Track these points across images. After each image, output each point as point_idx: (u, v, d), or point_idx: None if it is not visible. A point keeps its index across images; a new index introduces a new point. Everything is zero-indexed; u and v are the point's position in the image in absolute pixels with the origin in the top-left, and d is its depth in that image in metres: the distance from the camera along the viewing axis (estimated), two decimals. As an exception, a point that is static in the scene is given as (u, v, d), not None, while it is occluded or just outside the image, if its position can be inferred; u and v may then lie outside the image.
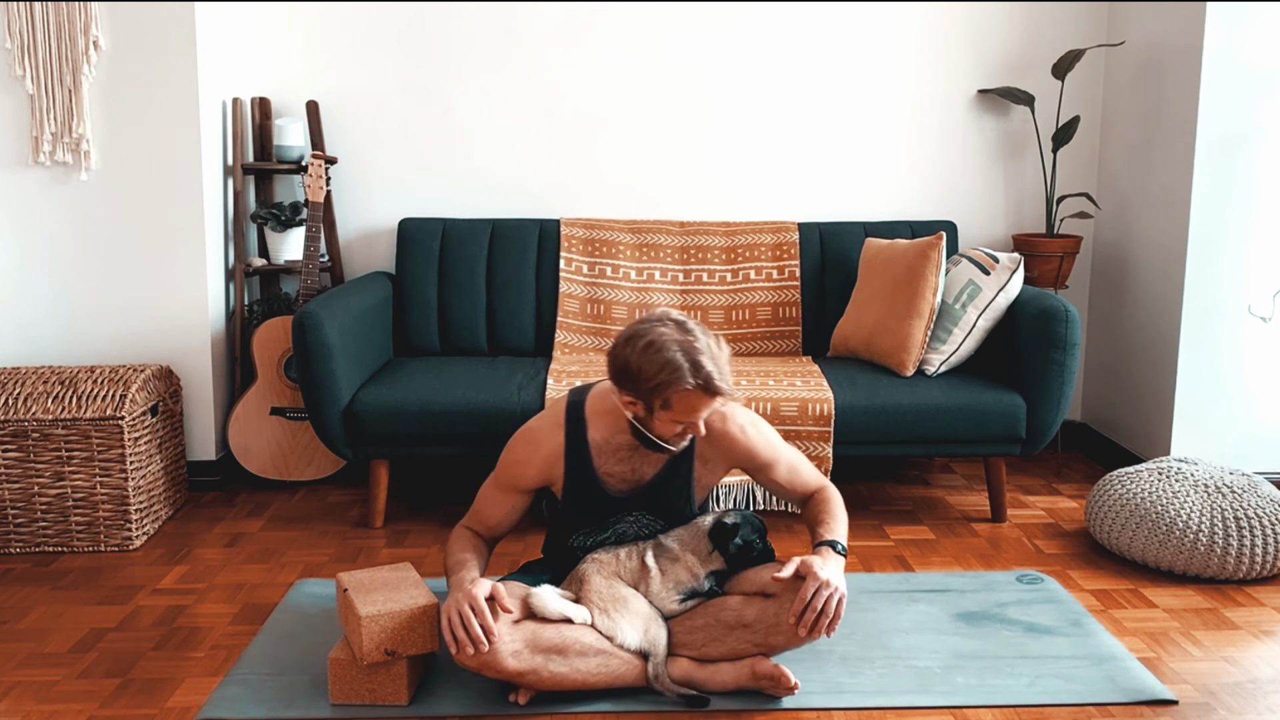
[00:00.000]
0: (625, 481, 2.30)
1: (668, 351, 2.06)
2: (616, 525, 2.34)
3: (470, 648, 2.04)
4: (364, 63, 3.73)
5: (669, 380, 2.06)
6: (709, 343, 2.11)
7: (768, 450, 2.35)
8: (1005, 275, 3.20)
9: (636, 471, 2.30)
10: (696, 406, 2.11)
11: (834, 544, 2.22)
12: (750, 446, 2.33)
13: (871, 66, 3.81)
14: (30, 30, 3.24)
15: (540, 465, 2.29)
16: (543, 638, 2.12)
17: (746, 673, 2.18)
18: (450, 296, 3.60)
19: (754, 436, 2.33)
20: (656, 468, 2.30)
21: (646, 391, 2.10)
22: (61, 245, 3.38)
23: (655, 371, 2.07)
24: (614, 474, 2.29)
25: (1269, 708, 2.20)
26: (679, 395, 2.08)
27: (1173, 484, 2.89)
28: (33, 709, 2.19)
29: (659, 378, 2.07)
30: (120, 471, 3.02)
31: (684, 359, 2.06)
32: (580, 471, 2.28)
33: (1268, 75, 3.26)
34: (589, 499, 2.31)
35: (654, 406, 2.12)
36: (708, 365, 2.07)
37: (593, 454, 2.28)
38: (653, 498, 2.32)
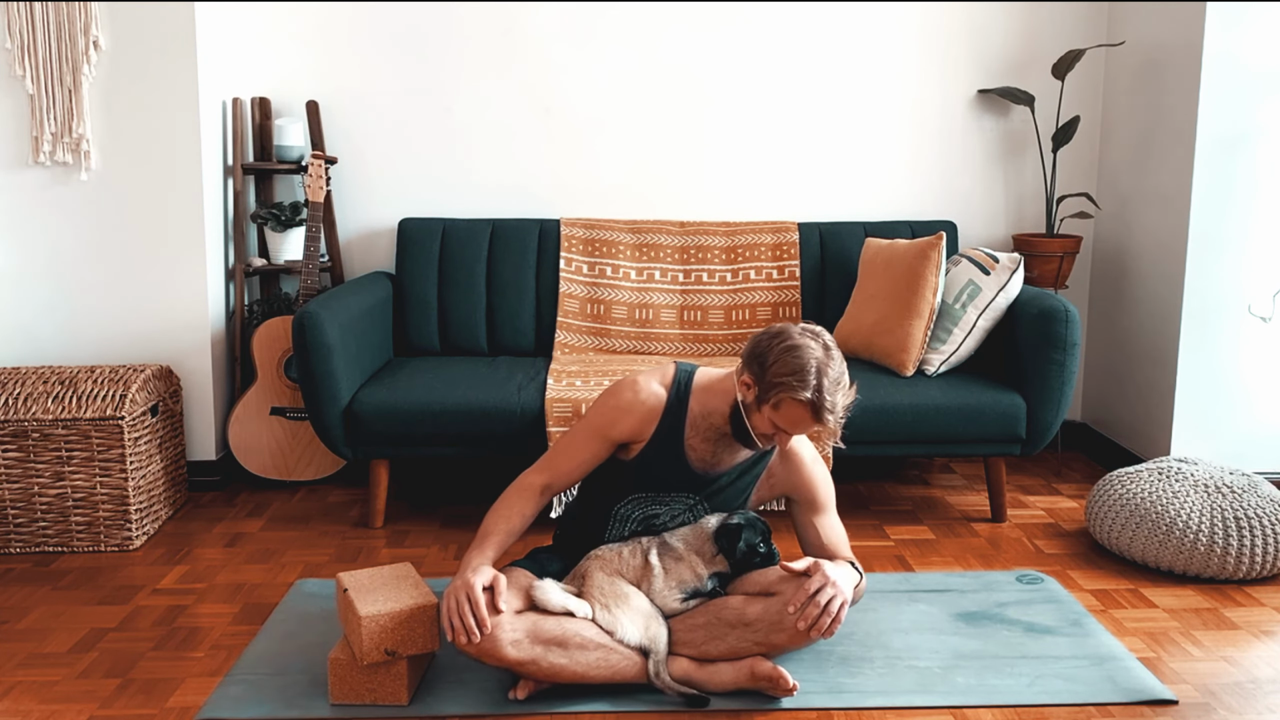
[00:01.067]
0: (703, 462, 2.33)
1: (806, 361, 2.14)
2: (673, 500, 2.35)
3: (464, 636, 2.07)
4: (364, 63, 3.73)
5: (793, 384, 2.13)
6: (841, 376, 2.17)
7: (825, 495, 2.43)
8: (1005, 275, 3.20)
9: (716, 456, 2.33)
10: (799, 422, 2.17)
11: (852, 563, 2.29)
12: (812, 477, 2.41)
13: (871, 66, 3.81)
14: (30, 30, 3.24)
15: (641, 415, 2.30)
16: (543, 629, 2.13)
17: (746, 673, 2.19)
18: (450, 296, 3.60)
19: (820, 474, 2.43)
20: (733, 461, 2.35)
21: (768, 384, 2.16)
22: (61, 245, 3.38)
23: (787, 372, 2.14)
24: (696, 449, 2.32)
25: (1269, 708, 2.20)
26: (792, 403, 2.14)
27: (1173, 484, 2.89)
28: (33, 709, 2.19)
29: (786, 378, 2.13)
30: (120, 471, 3.02)
31: (815, 376, 2.13)
32: (670, 434, 2.30)
33: (1268, 75, 3.26)
34: (665, 465, 2.32)
35: (766, 400, 2.17)
36: (829, 393, 2.13)
37: (686, 429, 2.31)
38: (718, 488, 2.36)
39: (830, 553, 2.38)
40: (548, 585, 2.19)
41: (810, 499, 2.41)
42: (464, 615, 2.07)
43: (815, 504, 2.41)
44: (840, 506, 3.34)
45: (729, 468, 2.35)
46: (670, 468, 2.32)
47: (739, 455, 2.35)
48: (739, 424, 2.25)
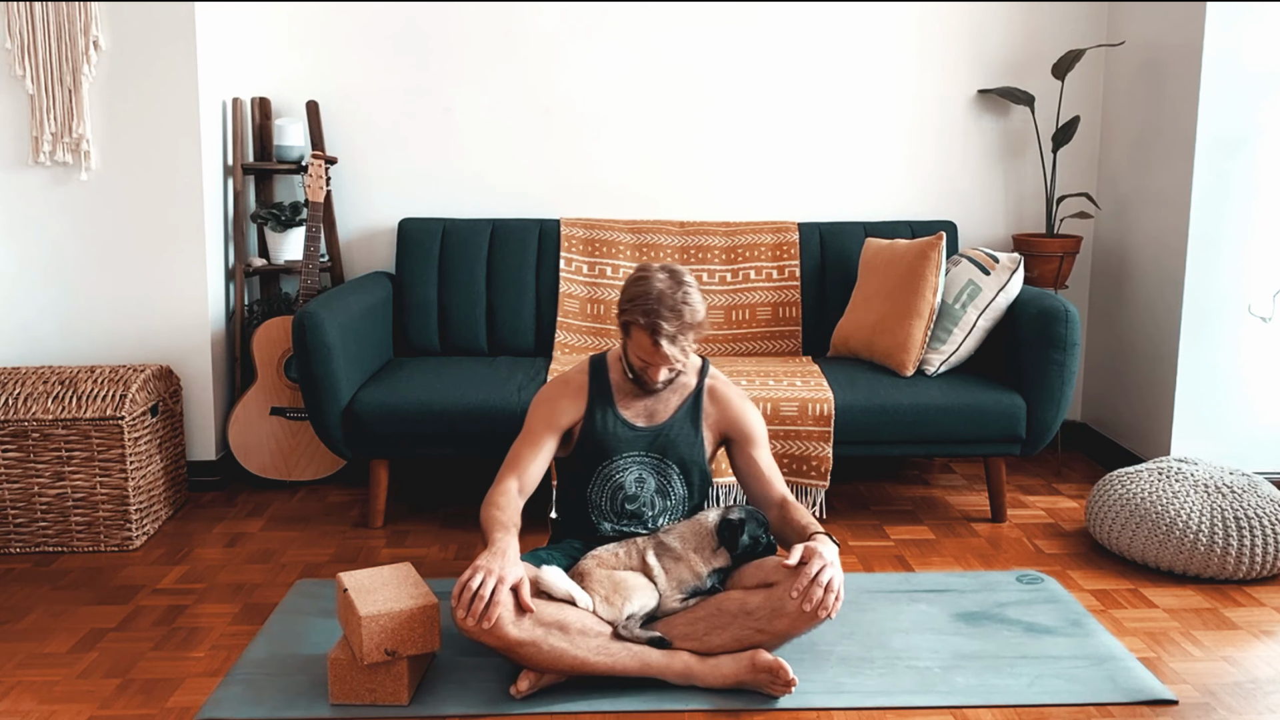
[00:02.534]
0: (642, 416, 2.49)
1: (647, 290, 2.33)
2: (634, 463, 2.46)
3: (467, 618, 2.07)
4: (364, 63, 3.73)
5: (632, 311, 2.34)
6: (681, 306, 2.32)
7: (758, 429, 2.55)
8: (1005, 275, 3.20)
9: (650, 409, 2.50)
10: (645, 346, 2.35)
11: (828, 535, 2.29)
12: (745, 413, 2.54)
13: (871, 66, 3.81)
14: (30, 30, 3.24)
15: (571, 397, 2.49)
16: (546, 612, 2.16)
17: (746, 665, 2.19)
18: (450, 296, 3.60)
19: (749, 408, 2.56)
20: (670, 411, 2.50)
21: (620, 315, 2.39)
22: (61, 245, 3.38)
23: (627, 300, 2.37)
24: (631, 408, 2.49)
25: (1269, 708, 2.20)
26: (635, 329, 2.35)
27: (1173, 484, 2.89)
28: (33, 709, 2.19)
29: (628, 306, 2.36)
30: (120, 471, 3.02)
31: (653, 302, 2.31)
32: (602, 400, 2.49)
33: (1268, 75, 3.26)
34: (610, 426, 2.47)
35: (625, 332, 2.41)
36: (665, 315, 2.30)
37: (613, 389, 2.50)
38: (668, 439, 2.49)
39: (767, 487, 2.49)
40: (552, 572, 2.22)
41: (743, 434, 2.52)
42: (479, 600, 2.07)
43: (749, 438, 2.52)
44: (840, 506, 3.36)
45: (669, 417, 2.50)
46: (615, 428, 2.47)
47: (673, 402, 2.51)
48: (630, 366, 2.44)
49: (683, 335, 2.33)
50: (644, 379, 2.44)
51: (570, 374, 2.54)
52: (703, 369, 2.57)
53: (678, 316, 2.31)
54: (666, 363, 2.37)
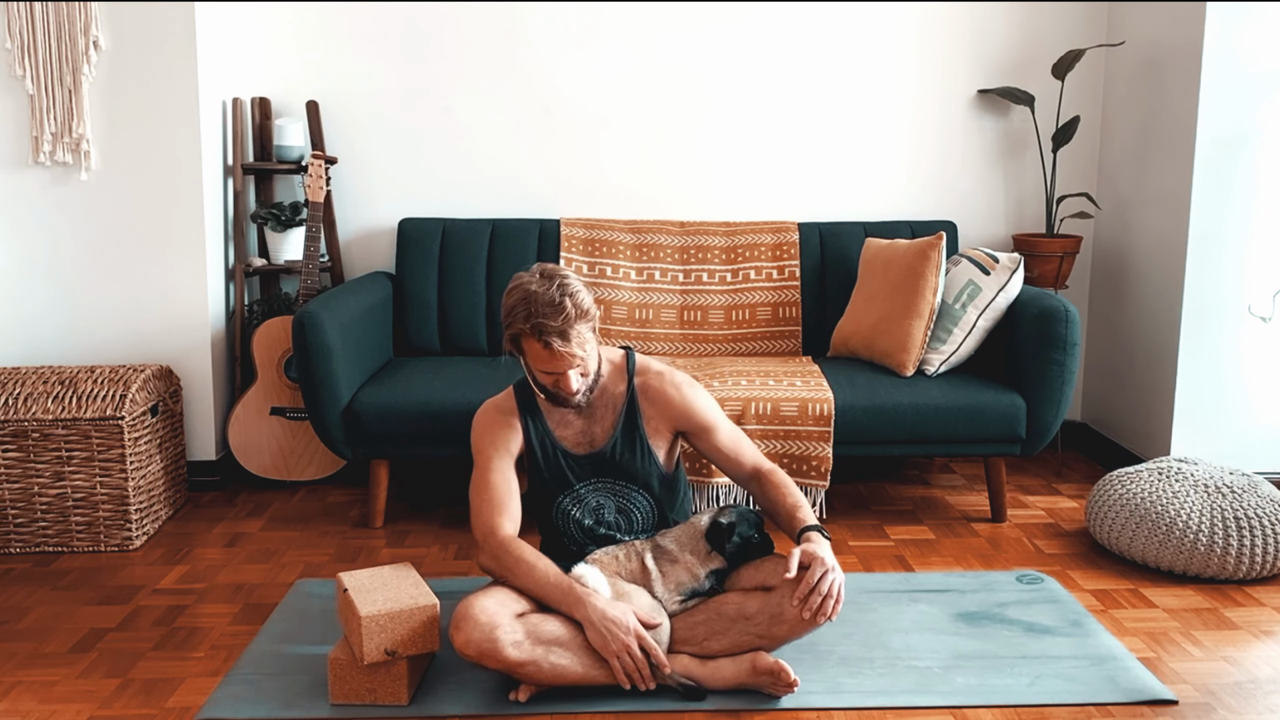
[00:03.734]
0: (581, 445, 2.37)
1: (519, 295, 2.19)
2: (588, 491, 2.38)
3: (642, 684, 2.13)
4: (364, 63, 3.73)
5: (514, 323, 2.19)
6: (565, 292, 2.17)
7: (707, 412, 2.40)
8: (1005, 275, 3.20)
9: (588, 433, 2.38)
10: (540, 354, 2.20)
11: (818, 529, 2.24)
12: (686, 404, 2.38)
13: (871, 67, 3.81)
14: (30, 30, 3.24)
15: (505, 419, 2.36)
16: (544, 630, 2.14)
17: (746, 668, 2.19)
18: (450, 296, 3.60)
19: (690, 396, 2.39)
20: (608, 430, 2.37)
21: (505, 332, 2.23)
22: (61, 245, 3.38)
23: (506, 313, 2.22)
24: (568, 436, 2.38)
25: (1269, 708, 2.20)
26: (524, 341, 2.21)
27: (1173, 484, 2.89)
28: (33, 709, 2.19)
29: (507, 319, 2.21)
30: (120, 471, 3.02)
31: (526, 305, 2.17)
32: (540, 432, 2.37)
33: (1268, 75, 3.26)
34: (555, 460, 2.37)
35: (516, 350, 2.25)
36: (545, 312, 2.14)
37: (544, 415, 2.37)
38: (613, 461, 2.37)
39: (736, 465, 2.39)
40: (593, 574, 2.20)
41: (695, 424, 2.39)
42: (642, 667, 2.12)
43: (700, 426, 2.39)
44: (840, 506, 3.36)
45: (609, 437, 2.37)
46: (559, 460, 2.37)
47: (605, 421, 2.37)
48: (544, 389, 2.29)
49: (572, 329, 2.16)
50: (560, 396, 2.28)
51: (498, 400, 2.41)
52: (629, 366, 2.40)
53: (559, 310, 2.15)
54: (568, 364, 2.20)
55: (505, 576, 2.22)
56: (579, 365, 2.23)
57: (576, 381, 2.25)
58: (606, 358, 2.40)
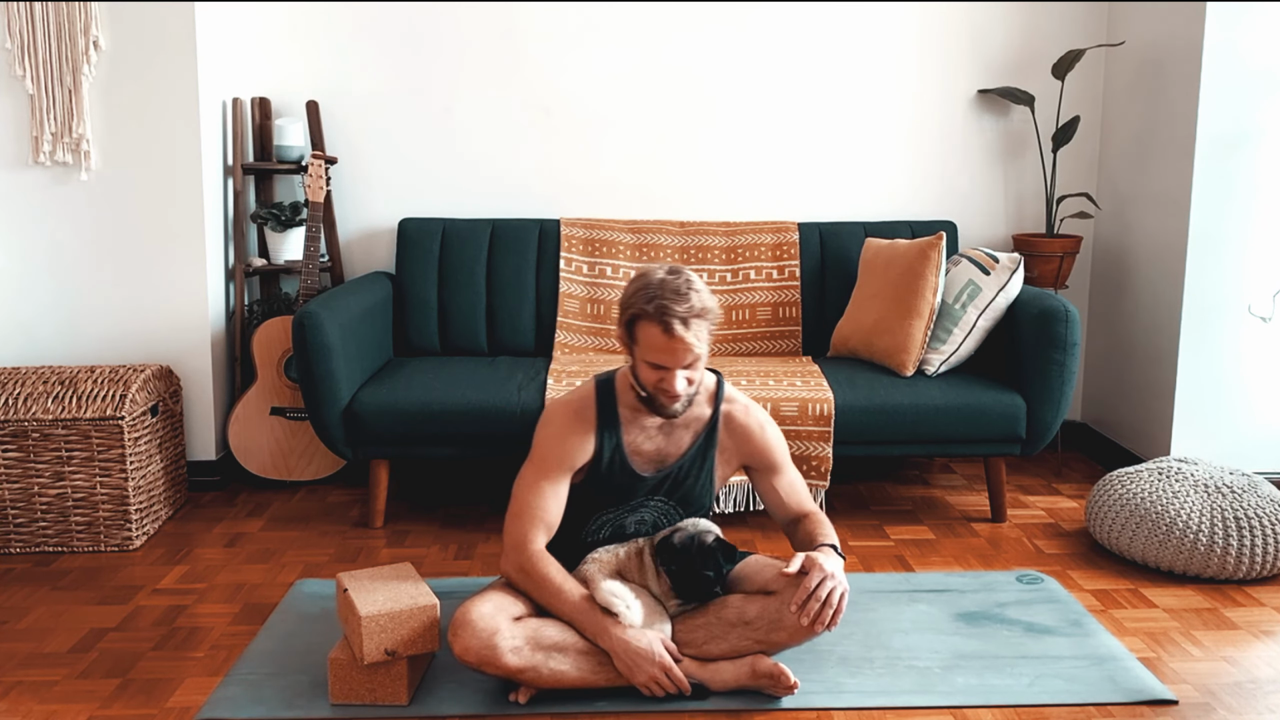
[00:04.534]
0: (651, 463, 2.32)
1: (648, 283, 2.15)
2: (638, 507, 2.34)
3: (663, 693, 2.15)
4: (364, 63, 3.73)
5: (637, 304, 2.14)
6: (688, 291, 2.13)
7: (779, 455, 2.41)
8: (1005, 275, 3.20)
9: (662, 452, 2.33)
10: (657, 345, 2.13)
11: (834, 547, 2.25)
12: (765, 444, 2.38)
13: (871, 66, 3.81)
14: (30, 30, 3.24)
15: (582, 434, 2.27)
16: (544, 635, 2.13)
17: (746, 671, 2.19)
18: (450, 296, 3.60)
19: (770, 435, 2.39)
20: (681, 451, 2.33)
21: (624, 323, 2.18)
22: (61, 245, 3.38)
23: (628, 297, 2.17)
24: (642, 453, 2.31)
25: (1269, 708, 2.20)
26: (643, 325, 2.14)
27: (1173, 484, 2.89)
28: (33, 709, 2.19)
29: (628, 302, 2.16)
30: (120, 471, 3.01)
31: (655, 289, 2.13)
32: (612, 447, 2.29)
33: (1268, 75, 3.26)
34: (616, 476, 2.30)
35: (631, 339, 2.18)
36: (671, 298, 2.11)
37: (622, 428, 2.30)
38: (676, 483, 2.34)
39: (796, 510, 2.39)
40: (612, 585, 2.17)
41: (765, 463, 2.39)
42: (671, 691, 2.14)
43: (768, 465, 2.39)
44: (840, 506, 3.36)
45: (678, 458, 2.33)
46: (621, 478, 2.30)
47: (685, 441, 2.33)
48: (643, 394, 2.22)
49: (694, 320, 2.11)
50: (659, 400, 2.20)
51: (576, 404, 2.30)
52: (717, 392, 2.36)
53: (685, 299, 2.11)
54: (681, 358, 2.13)
55: (527, 590, 2.20)
56: (691, 364, 2.16)
57: (682, 385, 2.17)
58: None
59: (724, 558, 2.20)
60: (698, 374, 2.20)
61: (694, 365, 2.17)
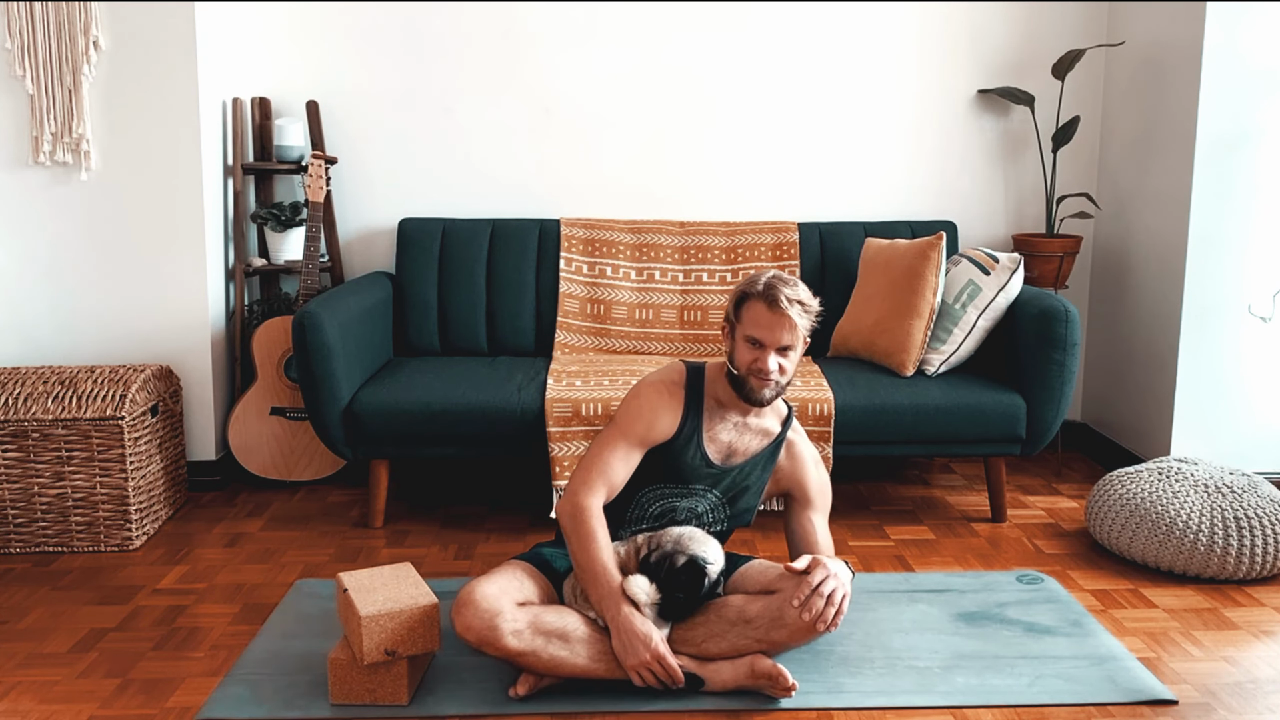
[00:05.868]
0: (721, 455, 2.39)
1: (761, 272, 2.35)
2: (694, 494, 2.38)
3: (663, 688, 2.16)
4: (364, 63, 3.73)
5: (748, 286, 2.31)
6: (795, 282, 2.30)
7: (824, 495, 2.49)
8: (1005, 275, 3.20)
9: (733, 447, 2.39)
10: (761, 321, 2.26)
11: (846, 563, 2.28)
12: (816, 477, 2.48)
13: (871, 66, 3.81)
14: (30, 30, 3.24)
15: (671, 411, 2.36)
16: (545, 621, 2.15)
17: (745, 671, 2.19)
18: (450, 296, 3.60)
19: (821, 473, 2.50)
20: (750, 453, 2.40)
21: (733, 305, 2.34)
22: (61, 245, 3.38)
23: (739, 287, 2.35)
24: (716, 442, 2.38)
25: (1269, 708, 2.20)
26: (750, 303, 2.29)
27: (1173, 484, 2.89)
28: (33, 709, 2.19)
29: (739, 290, 2.34)
30: (120, 471, 3.02)
31: (767, 275, 2.32)
32: (693, 425, 2.36)
33: (1268, 75, 3.26)
34: (688, 458, 2.36)
35: (736, 319, 2.32)
36: (781, 286, 2.27)
37: (705, 414, 2.38)
38: (735, 482, 2.41)
39: (813, 547, 2.41)
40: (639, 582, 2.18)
41: (806, 496, 2.46)
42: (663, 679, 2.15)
43: (811, 502, 2.46)
44: (840, 506, 3.36)
45: (745, 460, 2.40)
46: (693, 458, 2.36)
47: (753, 446, 2.40)
48: (733, 379, 2.33)
49: (799, 307, 2.25)
50: (750, 383, 2.28)
51: (669, 381, 2.39)
52: (787, 419, 2.47)
53: (794, 286, 2.27)
54: (779, 335, 2.24)
55: (570, 539, 2.25)
56: (787, 348, 2.28)
57: (774, 366, 2.27)
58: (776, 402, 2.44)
59: (689, 580, 2.18)
60: (790, 363, 2.31)
61: (788, 352, 2.29)
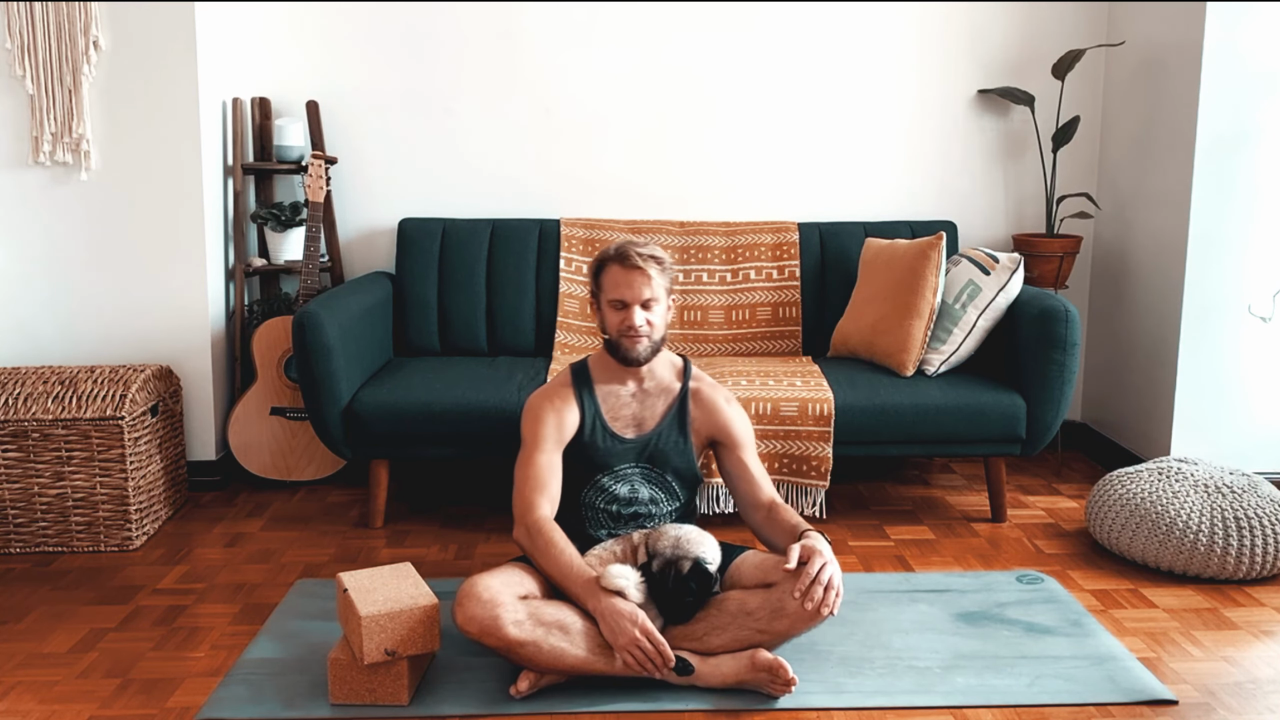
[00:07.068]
0: (629, 429, 2.48)
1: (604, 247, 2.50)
2: (625, 476, 2.45)
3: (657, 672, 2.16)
4: (364, 63, 3.73)
5: (597, 257, 2.44)
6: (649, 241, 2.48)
7: (745, 432, 2.54)
8: (1005, 275, 3.20)
9: (639, 418, 2.49)
10: (619, 280, 2.38)
11: (821, 533, 2.28)
12: (731, 416, 2.52)
13: (871, 67, 3.81)
14: (30, 30, 3.24)
15: (565, 407, 2.46)
16: (545, 613, 2.16)
17: (745, 664, 2.19)
18: (450, 296, 3.60)
19: (735, 411, 2.54)
20: (657, 418, 2.48)
21: (592, 276, 2.45)
22: (61, 245, 3.38)
23: (593, 263, 2.46)
24: (619, 419, 2.48)
25: (1269, 708, 2.20)
26: (606, 271, 2.41)
27: (1173, 484, 2.89)
28: (33, 709, 2.19)
29: (593, 266, 2.46)
30: (120, 471, 3.01)
31: (616, 243, 2.43)
32: (592, 412, 2.47)
33: (1268, 75, 3.26)
34: (600, 441, 2.46)
35: (597, 291, 2.44)
36: (627, 245, 2.39)
37: (599, 396, 2.49)
38: (656, 450, 2.47)
39: (755, 489, 2.47)
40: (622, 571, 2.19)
41: (731, 439, 2.50)
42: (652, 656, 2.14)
43: (736, 442, 2.51)
44: (840, 506, 3.36)
45: (656, 425, 2.48)
46: (605, 442, 2.46)
47: (659, 408, 2.49)
48: (609, 345, 2.45)
49: (653, 263, 2.37)
50: (623, 345, 2.41)
51: (555, 385, 2.51)
52: (685, 370, 2.55)
53: (644, 245, 2.40)
54: (639, 291, 2.36)
55: (534, 555, 2.30)
56: (650, 302, 2.38)
57: (641, 320, 2.37)
58: (668, 358, 2.55)
59: (698, 584, 2.20)
60: (657, 317, 2.41)
61: (652, 305, 2.40)
